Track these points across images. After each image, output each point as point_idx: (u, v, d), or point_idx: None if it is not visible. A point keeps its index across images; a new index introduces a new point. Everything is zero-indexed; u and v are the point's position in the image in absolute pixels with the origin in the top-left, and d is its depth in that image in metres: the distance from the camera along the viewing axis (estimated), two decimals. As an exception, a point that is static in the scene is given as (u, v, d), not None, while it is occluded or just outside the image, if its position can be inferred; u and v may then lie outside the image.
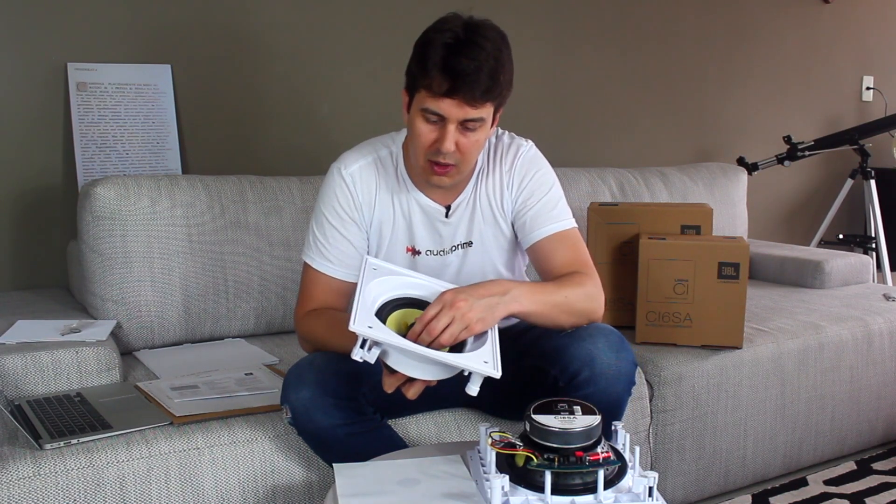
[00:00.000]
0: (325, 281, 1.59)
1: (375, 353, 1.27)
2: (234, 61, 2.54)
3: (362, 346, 1.26)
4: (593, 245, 2.23)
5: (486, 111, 1.45)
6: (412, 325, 1.34)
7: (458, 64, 1.39)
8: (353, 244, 1.60)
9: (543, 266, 1.60)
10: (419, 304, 1.40)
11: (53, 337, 1.79)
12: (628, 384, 1.48)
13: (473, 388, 1.30)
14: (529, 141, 1.68)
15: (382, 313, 1.35)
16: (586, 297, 1.51)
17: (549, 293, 1.48)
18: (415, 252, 1.62)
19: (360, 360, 1.26)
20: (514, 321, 1.69)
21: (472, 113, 1.43)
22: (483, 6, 1.59)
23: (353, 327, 1.23)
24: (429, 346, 1.29)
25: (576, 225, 1.64)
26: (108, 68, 2.35)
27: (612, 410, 1.45)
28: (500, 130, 1.68)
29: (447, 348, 1.33)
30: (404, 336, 1.31)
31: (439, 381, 1.33)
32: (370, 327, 1.25)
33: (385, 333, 1.27)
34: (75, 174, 2.30)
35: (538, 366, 1.51)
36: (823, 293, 2.71)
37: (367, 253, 1.63)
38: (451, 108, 1.42)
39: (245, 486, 1.55)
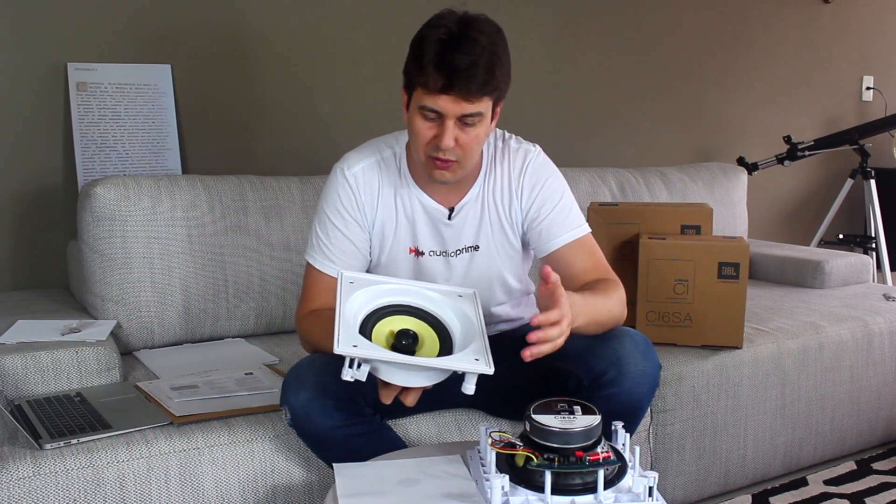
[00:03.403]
0: (327, 281, 1.59)
1: (365, 370, 1.27)
2: (234, 61, 2.54)
3: (350, 366, 1.26)
4: (593, 245, 2.23)
5: (484, 105, 1.44)
6: (400, 331, 1.33)
7: (452, 59, 1.38)
8: (355, 244, 1.59)
9: (564, 274, 1.56)
10: (402, 309, 1.39)
11: (53, 337, 1.79)
12: (653, 386, 1.49)
13: (469, 387, 1.30)
14: (537, 146, 1.66)
15: (367, 326, 1.34)
16: (621, 304, 1.53)
17: (599, 313, 1.46)
18: (418, 253, 1.62)
19: (352, 380, 1.26)
20: (506, 328, 1.70)
21: (470, 108, 1.42)
22: (482, 5, 1.58)
23: (337, 350, 1.23)
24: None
25: (590, 229, 1.63)
26: (108, 68, 2.35)
27: (633, 412, 1.45)
28: (508, 134, 1.67)
29: (437, 351, 1.33)
30: (394, 343, 1.31)
31: (437, 383, 1.33)
32: (355, 346, 1.25)
33: (371, 350, 1.26)
34: (75, 174, 2.30)
35: (559, 367, 1.50)
36: (823, 293, 2.71)
37: (370, 254, 1.63)
38: (447, 105, 1.41)
39: (245, 486, 1.55)
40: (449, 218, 1.61)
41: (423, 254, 1.62)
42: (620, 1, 3.28)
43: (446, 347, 1.35)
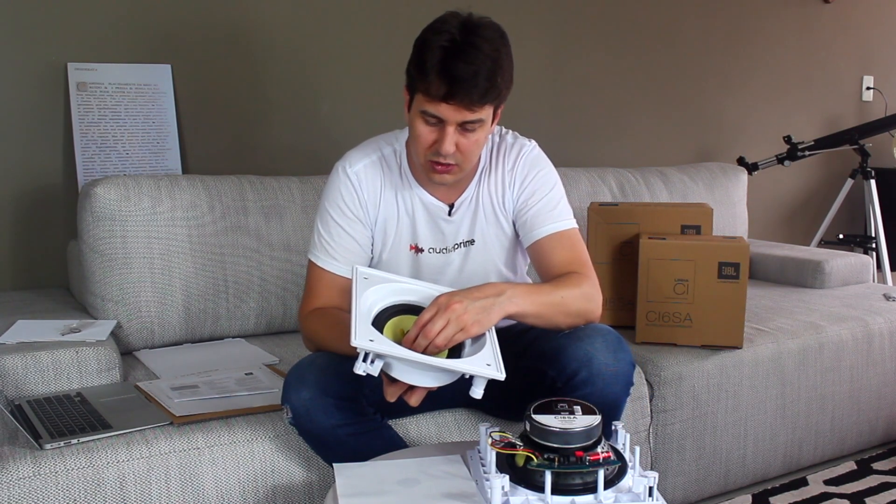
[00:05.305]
0: (330, 279, 1.59)
1: (378, 365, 1.27)
2: (234, 61, 2.54)
3: (364, 360, 1.26)
4: (593, 245, 2.23)
5: (485, 112, 1.45)
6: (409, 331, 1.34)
7: (455, 68, 1.38)
8: (358, 242, 1.60)
9: (542, 265, 1.61)
10: (414, 309, 1.39)
11: (53, 337, 1.79)
12: (626, 385, 1.48)
13: (478, 392, 1.30)
14: (533, 141, 1.68)
15: (379, 322, 1.35)
16: (583, 298, 1.51)
17: (545, 294, 1.48)
18: (418, 250, 1.63)
19: (364, 374, 1.26)
20: (513, 322, 1.70)
21: (471, 116, 1.43)
22: (483, 6, 1.58)
23: (354, 342, 1.23)
24: (425, 349, 1.29)
25: (576, 226, 1.64)
26: (108, 68, 2.35)
27: (609, 411, 1.44)
28: (504, 130, 1.68)
29: (446, 353, 1.33)
30: (400, 342, 1.31)
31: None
32: (371, 340, 1.25)
33: (387, 346, 1.26)
34: (75, 174, 2.30)
35: (536, 367, 1.51)
36: (823, 293, 2.71)
37: (372, 251, 1.64)
38: (449, 112, 1.42)
39: (245, 486, 1.55)
40: (449, 214, 1.62)
41: (422, 250, 1.63)
42: (620, 1, 3.28)
43: (456, 349, 1.35)
